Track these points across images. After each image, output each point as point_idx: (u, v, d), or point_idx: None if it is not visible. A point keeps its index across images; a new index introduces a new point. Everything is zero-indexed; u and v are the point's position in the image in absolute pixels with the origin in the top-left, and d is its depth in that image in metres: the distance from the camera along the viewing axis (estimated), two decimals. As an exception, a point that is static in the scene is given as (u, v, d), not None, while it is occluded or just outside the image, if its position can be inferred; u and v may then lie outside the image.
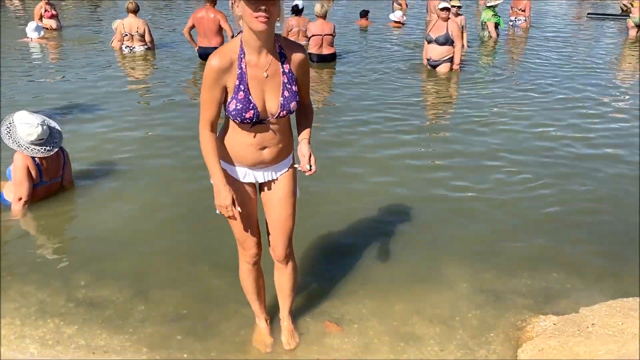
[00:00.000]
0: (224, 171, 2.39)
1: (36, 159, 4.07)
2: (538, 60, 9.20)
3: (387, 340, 2.82)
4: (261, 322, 2.85)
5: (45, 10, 10.78)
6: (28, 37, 9.66)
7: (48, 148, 4.07)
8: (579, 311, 2.91)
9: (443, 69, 8.23)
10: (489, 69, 8.74)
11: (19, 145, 4.01)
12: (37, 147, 4.03)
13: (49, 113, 5.93)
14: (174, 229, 3.88)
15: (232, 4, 2.20)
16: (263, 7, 2.04)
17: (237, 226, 2.51)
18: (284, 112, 2.29)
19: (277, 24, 2.18)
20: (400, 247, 3.70)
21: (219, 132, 2.43)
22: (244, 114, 2.23)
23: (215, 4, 8.51)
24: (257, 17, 2.06)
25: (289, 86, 2.28)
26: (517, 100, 6.95)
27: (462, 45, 8.71)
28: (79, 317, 2.96)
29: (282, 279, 2.72)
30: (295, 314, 2.99)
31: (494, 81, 7.97)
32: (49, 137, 4.11)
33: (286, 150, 2.45)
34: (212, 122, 2.30)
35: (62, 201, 4.23)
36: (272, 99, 2.26)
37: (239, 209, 2.37)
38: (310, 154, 2.31)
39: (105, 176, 4.66)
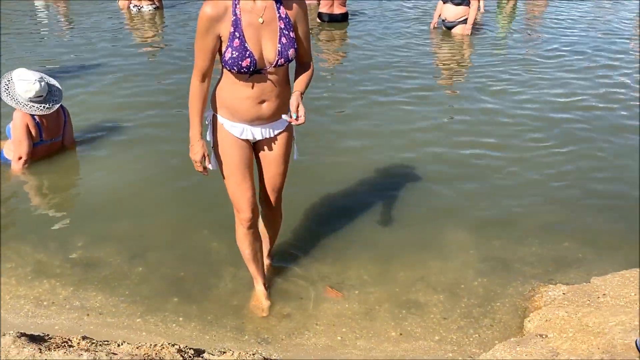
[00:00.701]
0: (222, 126, 2.37)
1: (36, 117, 3.98)
2: (558, 25, 8.83)
3: (388, 307, 2.75)
4: (259, 285, 2.79)
5: None
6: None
7: (47, 105, 3.97)
8: (590, 281, 2.79)
9: (459, 30, 7.93)
10: (506, 32, 8.41)
11: (17, 103, 3.91)
12: (36, 105, 3.94)
13: (52, 72, 5.83)
14: (174, 191, 3.80)
15: None
16: None
17: (232, 186, 2.46)
18: (282, 59, 2.23)
19: None
20: (405, 211, 3.60)
21: (216, 86, 2.38)
22: (240, 62, 2.17)
23: None
24: None
25: (286, 32, 2.22)
26: (534, 65, 6.68)
27: (479, 8, 8.39)
28: (74, 278, 2.92)
29: (266, 222, 2.78)
30: (296, 279, 2.92)
31: (511, 45, 7.67)
32: (49, 95, 4.01)
33: (285, 106, 2.36)
34: (204, 72, 2.27)
35: (62, 161, 4.16)
36: (269, 46, 2.20)
37: (210, 166, 2.41)
38: (299, 104, 2.23)
39: (108, 136, 4.56)
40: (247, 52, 2.17)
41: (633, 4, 10.60)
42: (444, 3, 7.97)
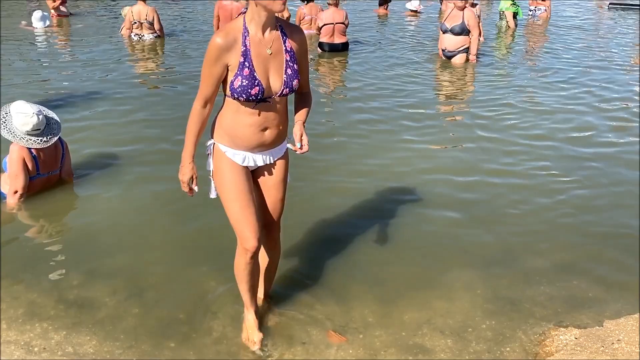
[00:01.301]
0: (223, 154, 2.43)
1: (33, 150, 3.92)
2: (557, 52, 8.88)
3: (395, 353, 2.63)
4: (250, 314, 2.70)
5: None
6: (33, 26, 9.50)
7: (45, 139, 3.91)
8: (603, 324, 2.69)
9: (458, 60, 7.95)
10: (506, 60, 8.44)
11: (14, 136, 3.85)
12: (34, 138, 3.87)
13: (51, 101, 5.81)
14: (172, 226, 3.71)
15: None
16: None
17: (236, 213, 2.44)
18: (287, 89, 2.34)
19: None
20: (408, 245, 3.52)
21: (218, 117, 2.45)
22: (249, 91, 2.25)
23: None
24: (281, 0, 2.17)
25: (291, 64, 2.33)
26: (534, 93, 6.68)
27: (480, 35, 8.44)
28: (68, 320, 2.80)
29: (266, 259, 2.73)
30: (297, 321, 2.82)
31: (510, 73, 7.69)
32: (47, 128, 3.95)
33: (284, 133, 2.49)
34: (207, 98, 2.35)
35: (59, 194, 4.08)
36: (275, 77, 2.31)
37: (196, 188, 2.48)
38: (302, 134, 2.33)
39: (106, 169, 4.49)
40: (256, 81, 2.25)
41: (631, 32, 10.69)
42: (444, 33, 8.00)
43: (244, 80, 2.24)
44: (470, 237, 3.65)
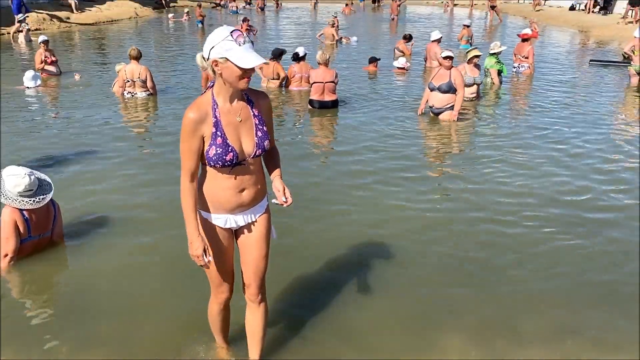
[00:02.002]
0: (205, 220, 2.55)
1: (25, 213, 3.92)
2: (541, 108, 9.12)
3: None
4: (222, 352, 2.98)
5: (45, 57, 10.77)
6: (24, 86, 9.64)
7: (37, 199, 3.93)
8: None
9: (446, 116, 8.14)
10: (492, 117, 8.65)
11: (7, 198, 3.87)
12: (26, 199, 3.89)
13: (42, 161, 5.83)
14: (164, 288, 3.69)
15: (212, 63, 2.34)
16: (251, 72, 2.35)
17: (213, 272, 2.64)
18: (259, 150, 2.49)
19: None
20: (396, 308, 3.50)
21: (198, 185, 2.53)
22: (224, 157, 2.40)
23: None
24: (244, 81, 2.35)
25: (261, 127, 2.50)
26: (520, 149, 6.82)
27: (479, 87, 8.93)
28: (56, 393, 2.74)
29: (254, 321, 2.79)
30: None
31: (496, 129, 7.87)
32: (39, 189, 3.98)
33: (262, 192, 2.62)
34: (192, 172, 2.45)
35: (50, 257, 4.05)
36: (247, 140, 2.46)
37: (210, 258, 2.51)
38: (284, 188, 2.51)
39: (97, 230, 4.48)
40: (230, 147, 2.40)
41: (611, 89, 11.04)
42: (431, 91, 8.22)
43: (217, 149, 2.38)
44: (462, 296, 3.65)
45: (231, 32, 2.30)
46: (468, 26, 16.56)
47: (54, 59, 10.94)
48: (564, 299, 3.65)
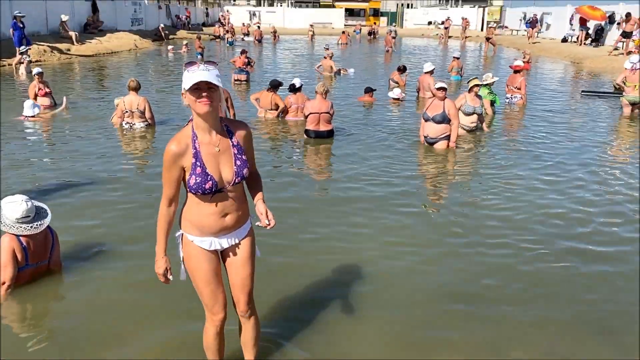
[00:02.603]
0: (192, 243, 2.72)
1: (23, 241, 3.97)
2: (534, 138, 9.26)
3: None
4: None
5: (39, 89, 10.81)
6: (23, 116, 9.74)
7: (34, 225, 3.98)
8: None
9: (440, 146, 8.26)
10: (486, 147, 8.77)
11: (4, 225, 3.94)
12: (24, 225, 3.94)
13: (40, 191, 5.88)
14: (160, 317, 3.71)
15: (182, 95, 2.54)
16: (204, 94, 2.46)
17: (203, 293, 2.78)
18: (238, 178, 2.64)
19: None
20: (384, 330, 3.56)
21: (184, 210, 2.74)
22: (203, 186, 2.56)
23: None
24: (200, 102, 2.47)
25: (240, 156, 2.65)
26: (513, 179, 6.92)
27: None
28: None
29: (246, 334, 2.99)
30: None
31: (489, 159, 7.98)
32: (36, 215, 4.03)
33: (244, 216, 2.78)
34: (170, 198, 2.68)
35: (47, 286, 4.08)
36: (226, 169, 2.62)
37: (171, 277, 2.73)
38: (267, 210, 2.67)
39: (94, 258, 4.53)
40: (209, 177, 2.57)
41: (603, 119, 11.21)
42: (426, 121, 8.35)
43: (197, 178, 2.56)
44: (455, 327, 3.68)
45: (186, 65, 2.52)
46: (458, 58, 16.90)
47: (47, 90, 11.01)
48: (556, 327, 3.68)
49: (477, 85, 9.49)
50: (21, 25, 17.80)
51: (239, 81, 15.25)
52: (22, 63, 16.13)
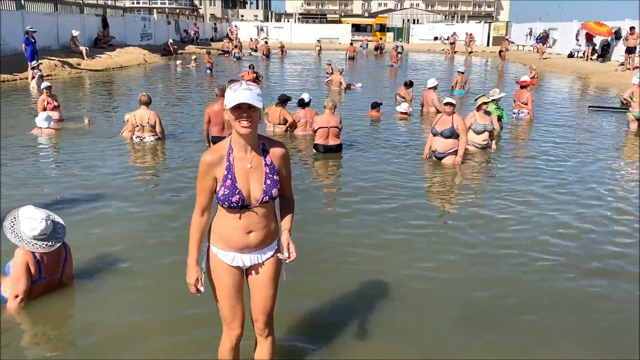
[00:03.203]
0: (215, 255, 2.74)
1: (37, 255, 4.01)
2: (541, 153, 9.27)
3: None
4: None
5: (48, 103, 10.84)
6: (38, 128, 9.87)
7: (50, 243, 4.02)
8: None
9: (448, 161, 8.28)
10: (493, 161, 8.78)
11: (20, 240, 3.96)
12: (40, 242, 3.98)
13: (51, 204, 5.94)
14: (173, 332, 3.72)
15: (224, 110, 2.59)
16: (245, 115, 2.51)
17: (223, 307, 2.80)
18: (267, 197, 2.66)
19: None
20: (401, 346, 3.53)
21: (213, 221, 2.76)
22: (230, 198, 2.60)
23: None
24: (240, 122, 2.52)
25: (271, 175, 2.67)
26: (522, 194, 6.92)
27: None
28: None
29: (261, 353, 2.97)
30: None
31: (497, 174, 8.00)
32: (52, 233, 4.07)
33: (271, 236, 2.77)
34: (202, 208, 2.71)
35: (60, 299, 4.11)
36: (256, 187, 2.64)
37: (201, 288, 2.71)
38: (289, 243, 2.68)
39: (106, 272, 4.56)
40: (237, 190, 2.61)
41: (610, 134, 11.21)
42: (434, 136, 8.39)
43: (226, 190, 2.60)
44: (468, 338, 3.68)
45: (229, 82, 2.54)
46: (462, 72, 16.99)
47: (55, 104, 11.09)
48: (575, 343, 3.67)
49: (484, 103, 9.38)
50: (33, 40, 18.05)
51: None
52: (34, 77, 16.35)
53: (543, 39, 32.35)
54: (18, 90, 15.76)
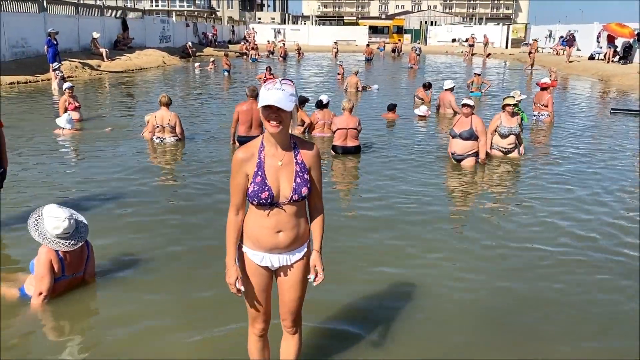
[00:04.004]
0: (245, 254, 2.76)
1: (60, 252, 4.05)
2: (562, 155, 9.16)
3: None
4: None
5: (69, 103, 10.98)
6: (60, 129, 10.00)
7: (72, 242, 4.06)
8: None
9: (467, 162, 8.22)
10: (514, 163, 8.69)
11: (44, 238, 4.01)
12: (62, 241, 4.03)
13: (74, 202, 6.01)
14: (194, 330, 3.74)
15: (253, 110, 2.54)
16: (274, 115, 2.53)
17: (251, 305, 2.85)
18: (296, 195, 2.65)
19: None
20: (423, 352, 3.49)
21: (244, 221, 2.75)
22: (260, 194, 2.60)
23: (257, 97, 9.11)
24: (269, 122, 2.54)
25: (301, 174, 2.68)
26: (542, 195, 6.85)
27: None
28: None
29: (287, 349, 3.01)
30: None
31: (518, 175, 7.91)
32: (75, 231, 4.11)
33: (301, 238, 2.76)
34: (237, 206, 2.72)
35: (82, 296, 4.16)
36: (285, 184, 2.65)
37: (241, 287, 2.72)
38: (317, 264, 2.75)
39: (128, 270, 4.60)
40: (266, 187, 2.61)
41: (632, 137, 11.03)
42: (453, 137, 8.33)
43: (255, 186, 2.61)
44: (490, 347, 3.64)
45: (265, 80, 2.56)
46: (479, 74, 16.88)
47: (77, 104, 11.25)
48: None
49: (508, 104, 8.83)
50: (55, 42, 18.30)
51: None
52: (56, 79, 16.58)
53: (570, 41, 30.58)
54: (40, 92, 15.99)
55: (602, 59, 28.00)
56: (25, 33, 19.60)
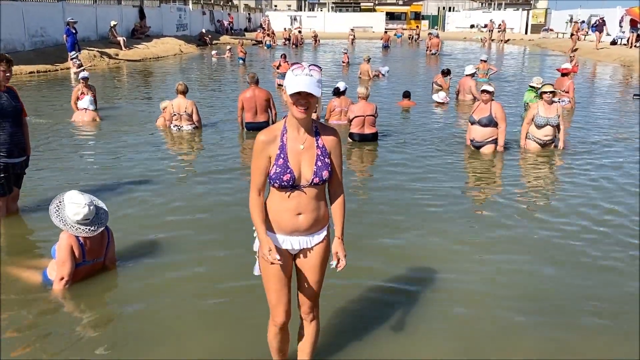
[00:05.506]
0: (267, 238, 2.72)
1: (80, 238, 4.10)
2: (582, 143, 9.00)
3: None
4: None
5: (82, 93, 10.72)
6: (83, 110, 10.18)
7: (92, 228, 4.10)
8: None
9: (487, 149, 8.12)
10: (534, 152, 8.56)
11: (65, 224, 4.06)
12: (82, 227, 4.07)
13: (95, 187, 6.07)
14: (215, 313, 3.77)
15: (282, 90, 2.64)
16: (303, 101, 2.56)
17: (271, 291, 2.84)
18: (317, 178, 2.69)
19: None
20: (445, 343, 3.48)
21: (265, 203, 2.78)
22: (282, 177, 2.64)
23: (258, 83, 9.57)
24: (297, 108, 2.57)
25: (322, 157, 2.71)
26: (562, 183, 6.75)
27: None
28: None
29: (305, 336, 3.01)
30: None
31: (537, 163, 7.80)
32: (95, 217, 4.15)
33: (321, 221, 2.80)
34: (258, 187, 2.74)
35: (103, 282, 4.21)
36: (307, 167, 2.69)
37: (278, 256, 2.66)
38: (339, 251, 2.76)
39: (148, 255, 4.64)
40: (288, 169, 2.65)
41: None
42: (472, 124, 8.24)
43: (277, 168, 2.65)
44: (518, 339, 3.61)
45: (292, 65, 2.60)
46: (485, 60, 16.79)
47: (92, 94, 11.10)
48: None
49: (545, 92, 8.14)
50: (74, 31, 18.44)
51: (283, 86, 15.38)
52: (74, 67, 16.74)
53: (599, 27, 28.74)
54: (59, 81, 16.15)
55: (624, 44, 27.40)
56: (45, 22, 19.78)
